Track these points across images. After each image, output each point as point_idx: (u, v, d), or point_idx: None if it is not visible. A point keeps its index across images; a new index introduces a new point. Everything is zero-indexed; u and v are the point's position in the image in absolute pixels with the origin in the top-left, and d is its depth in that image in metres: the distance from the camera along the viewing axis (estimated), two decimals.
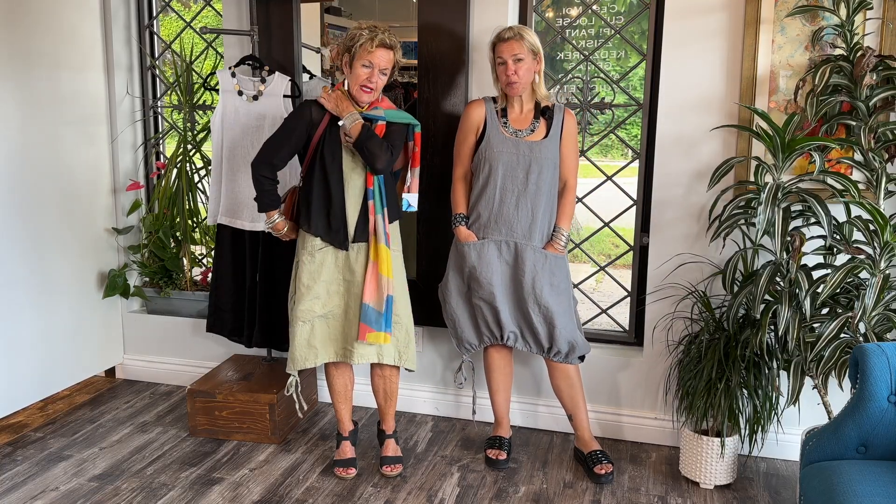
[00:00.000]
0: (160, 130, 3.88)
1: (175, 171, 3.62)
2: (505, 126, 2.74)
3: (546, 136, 2.72)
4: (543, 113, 2.75)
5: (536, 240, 2.74)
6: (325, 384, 3.49)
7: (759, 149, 2.79)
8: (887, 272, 2.36)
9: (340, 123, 2.59)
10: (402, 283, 2.77)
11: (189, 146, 3.63)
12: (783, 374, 2.79)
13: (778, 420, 2.74)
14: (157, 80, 3.85)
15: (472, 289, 2.80)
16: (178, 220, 3.65)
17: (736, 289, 2.68)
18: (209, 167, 3.66)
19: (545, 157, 2.70)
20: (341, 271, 2.72)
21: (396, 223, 2.79)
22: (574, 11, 3.20)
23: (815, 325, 2.47)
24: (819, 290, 2.46)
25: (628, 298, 3.26)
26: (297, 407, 2.98)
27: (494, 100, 2.79)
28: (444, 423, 3.32)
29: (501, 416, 3.04)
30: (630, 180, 3.24)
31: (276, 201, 2.71)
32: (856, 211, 2.62)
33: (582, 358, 2.85)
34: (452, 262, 2.85)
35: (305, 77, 3.38)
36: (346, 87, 2.63)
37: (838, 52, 2.63)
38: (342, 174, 2.64)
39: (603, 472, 2.79)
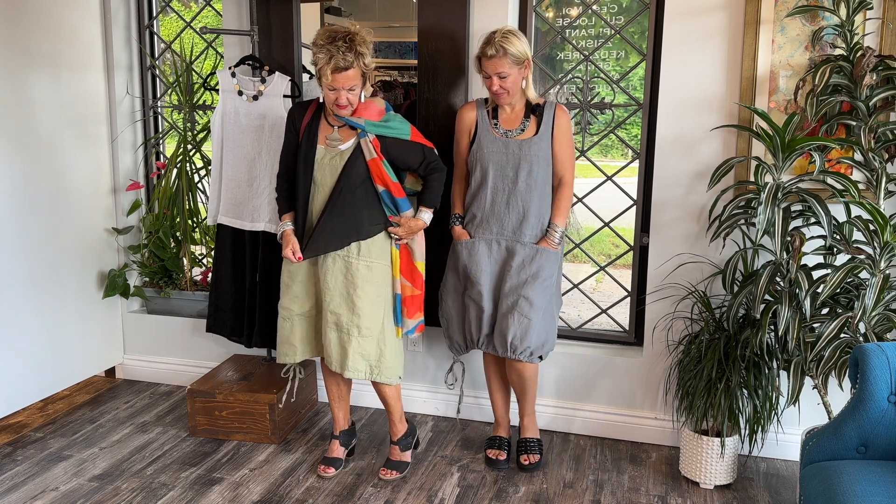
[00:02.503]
0: (160, 130, 3.88)
1: (175, 171, 3.62)
2: (495, 127, 2.75)
3: (536, 133, 2.71)
4: (534, 111, 2.74)
5: (528, 237, 2.73)
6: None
7: (759, 149, 2.79)
8: (887, 272, 2.36)
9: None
10: (374, 295, 2.69)
11: (189, 146, 3.63)
12: (783, 374, 2.79)
13: (778, 420, 2.74)
14: (157, 80, 3.85)
15: (466, 287, 2.81)
16: (178, 220, 3.65)
17: (736, 289, 2.68)
18: (209, 167, 3.66)
19: (535, 154, 2.69)
20: (315, 276, 2.73)
21: (382, 234, 2.71)
22: (574, 11, 3.20)
23: (815, 325, 2.47)
24: (819, 290, 2.46)
25: (628, 298, 3.26)
26: (287, 392, 3.07)
27: (487, 100, 2.80)
28: (444, 423, 3.32)
29: (501, 417, 3.04)
30: (630, 180, 3.24)
31: (283, 207, 2.74)
32: (856, 211, 2.62)
33: (541, 357, 2.80)
34: (450, 262, 2.87)
35: (305, 77, 3.38)
36: (321, 100, 2.65)
37: (838, 52, 2.63)
38: (310, 184, 2.64)
39: (527, 462, 2.85)
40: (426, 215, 2.74)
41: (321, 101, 2.69)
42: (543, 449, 2.99)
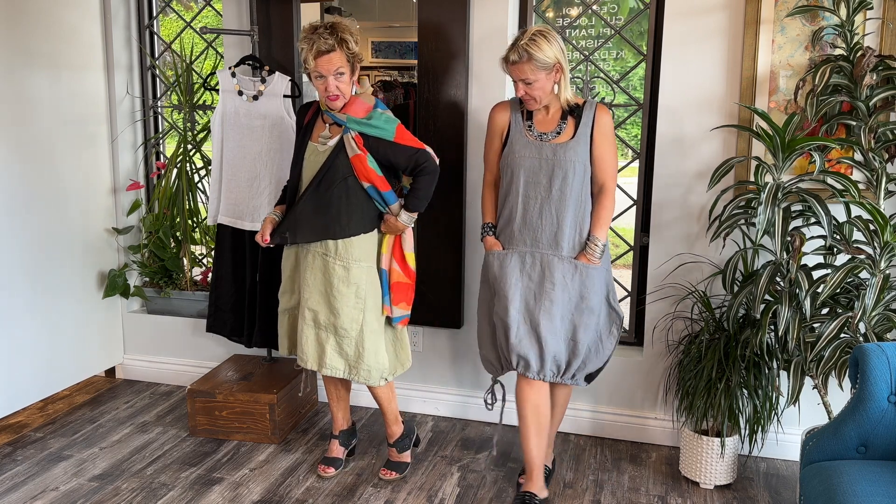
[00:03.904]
0: (160, 130, 3.88)
1: (175, 171, 3.62)
2: (529, 129, 2.54)
3: (573, 136, 2.49)
4: (572, 112, 2.52)
5: (565, 249, 2.50)
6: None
7: (759, 149, 2.79)
8: (887, 272, 2.36)
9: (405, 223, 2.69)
10: (353, 297, 2.63)
11: (189, 146, 3.63)
12: (783, 374, 2.79)
13: (778, 420, 2.74)
14: (157, 80, 3.85)
15: (494, 302, 2.58)
16: (178, 220, 3.65)
17: (736, 289, 2.68)
18: (209, 167, 3.66)
19: (570, 159, 2.46)
20: (297, 271, 2.74)
21: (364, 236, 2.65)
22: (574, 11, 3.20)
23: (815, 325, 2.47)
24: (819, 290, 2.46)
25: (628, 298, 3.26)
26: (302, 384, 3.19)
27: (521, 101, 2.58)
28: (444, 423, 3.32)
29: (533, 466, 2.60)
30: (630, 180, 3.24)
31: (280, 199, 2.79)
32: (856, 211, 2.62)
33: (589, 379, 2.64)
34: (482, 276, 2.67)
35: (305, 77, 3.38)
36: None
37: (838, 52, 2.63)
38: (300, 178, 2.65)
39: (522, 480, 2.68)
40: (405, 217, 2.65)
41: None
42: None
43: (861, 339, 2.40)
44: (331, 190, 2.57)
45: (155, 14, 3.82)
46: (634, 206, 3.18)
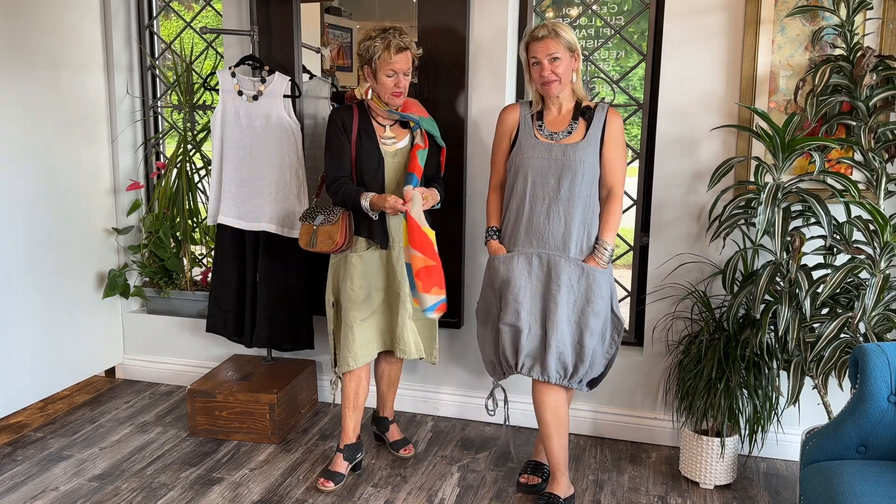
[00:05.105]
0: (160, 130, 3.88)
1: (175, 171, 3.62)
2: (539, 129, 2.53)
3: (584, 137, 2.49)
4: (583, 113, 2.52)
5: (573, 251, 2.48)
6: (327, 385, 3.50)
7: (759, 149, 2.79)
8: (887, 272, 2.36)
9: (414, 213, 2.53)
10: None
11: (189, 146, 3.63)
12: (783, 374, 2.79)
13: (778, 420, 2.74)
14: (157, 80, 3.85)
15: (501, 307, 2.55)
16: (178, 220, 3.65)
17: (736, 289, 2.68)
18: (209, 167, 3.66)
19: (580, 160, 2.45)
20: (385, 269, 2.75)
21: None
22: (574, 11, 3.20)
23: (815, 325, 2.47)
24: (819, 290, 2.46)
25: (628, 298, 3.26)
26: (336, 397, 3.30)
27: (531, 103, 2.59)
28: (444, 423, 3.32)
29: (556, 467, 2.62)
30: (630, 180, 3.22)
31: (358, 191, 2.63)
32: (856, 211, 2.62)
33: (591, 384, 2.61)
34: (485, 279, 2.64)
35: (305, 77, 3.38)
36: (370, 96, 2.71)
37: (838, 52, 2.64)
38: (382, 186, 2.68)
39: None
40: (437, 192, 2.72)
41: (361, 101, 2.73)
42: None
43: (861, 339, 2.40)
44: (426, 186, 2.70)
45: (155, 14, 3.82)
46: (634, 206, 3.18)
